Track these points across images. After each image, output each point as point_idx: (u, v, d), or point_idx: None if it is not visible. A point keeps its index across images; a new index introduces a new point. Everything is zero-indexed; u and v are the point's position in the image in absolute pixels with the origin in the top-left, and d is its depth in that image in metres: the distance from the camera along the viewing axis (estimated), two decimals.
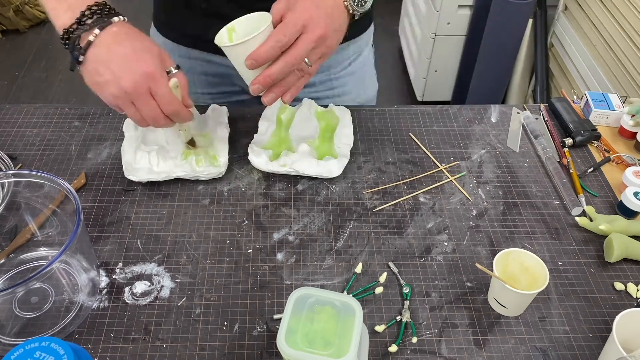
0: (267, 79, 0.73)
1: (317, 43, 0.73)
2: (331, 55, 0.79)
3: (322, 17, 0.73)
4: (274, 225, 0.83)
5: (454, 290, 0.76)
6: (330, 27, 0.74)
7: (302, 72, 0.76)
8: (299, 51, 0.72)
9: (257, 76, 0.73)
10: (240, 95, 1.08)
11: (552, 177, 0.92)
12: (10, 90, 2.69)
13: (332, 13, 0.75)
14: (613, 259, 0.79)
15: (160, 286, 0.75)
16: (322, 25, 0.73)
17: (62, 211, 0.77)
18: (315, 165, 0.88)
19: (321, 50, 0.75)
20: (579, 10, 2.02)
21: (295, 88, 0.77)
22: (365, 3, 0.78)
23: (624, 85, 1.74)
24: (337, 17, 0.76)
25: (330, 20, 0.74)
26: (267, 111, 0.97)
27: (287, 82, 0.75)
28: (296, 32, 0.72)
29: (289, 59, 0.72)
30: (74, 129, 0.98)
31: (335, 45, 0.77)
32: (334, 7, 0.75)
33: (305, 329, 0.59)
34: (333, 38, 0.76)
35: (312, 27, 0.72)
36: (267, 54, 0.71)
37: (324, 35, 0.73)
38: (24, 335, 0.70)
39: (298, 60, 0.73)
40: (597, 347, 0.71)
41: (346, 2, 0.77)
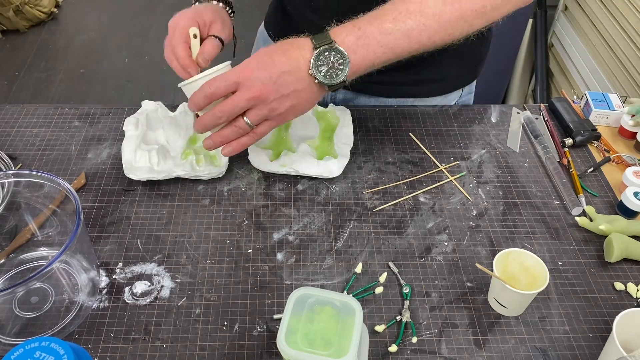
0: (200, 124, 0.77)
1: (250, 103, 0.74)
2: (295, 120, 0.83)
3: (260, 79, 0.72)
4: (274, 225, 0.83)
5: (454, 290, 0.76)
6: (269, 91, 0.73)
7: (241, 130, 0.76)
8: (224, 106, 0.74)
9: (195, 120, 0.78)
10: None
11: (552, 177, 0.92)
12: (10, 90, 2.69)
13: (279, 77, 0.73)
14: (613, 259, 0.79)
15: (160, 286, 0.75)
16: (256, 86, 0.72)
17: (62, 211, 0.77)
18: (315, 165, 0.88)
19: (263, 112, 0.75)
20: (579, 10, 2.02)
21: (236, 143, 0.78)
22: (336, 76, 0.74)
23: (624, 85, 1.74)
24: (290, 83, 0.74)
25: (271, 83, 0.73)
26: None
27: (222, 134, 0.77)
28: (224, 87, 0.74)
29: (214, 111, 0.75)
30: (74, 129, 0.98)
31: (289, 112, 0.76)
32: (288, 72, 0.73)
33: (305, 329, 0.59)
34: (279, 103, 0.74)
35: (245, 86, 0.73)
36: (196, 99, 0.75)
37: (258, 97, 0.73)
38: (24, 335, 0.70)
39: (223, 114, 0.74)
40: (597, 347, 0.71)
41: (311, 71, 0.74)
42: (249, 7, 3.13)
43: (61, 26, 3.13)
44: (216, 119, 0.75)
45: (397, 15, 0.75)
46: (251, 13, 3.14)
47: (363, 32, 0.74)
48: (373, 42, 0.74)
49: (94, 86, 2.71)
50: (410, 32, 0.75)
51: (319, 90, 0.77)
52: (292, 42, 0.75)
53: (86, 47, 2.97)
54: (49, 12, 3.10)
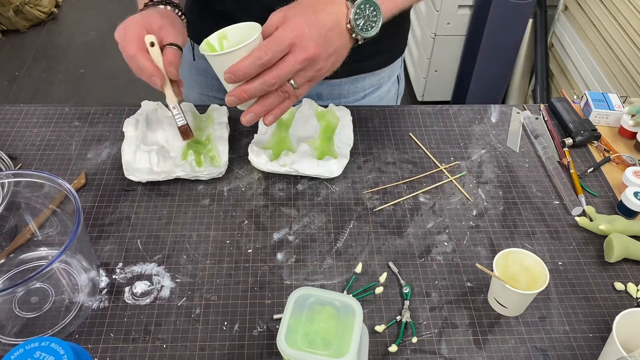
0: (243, 94, 0.71)
1: (304, 65, 0.70)
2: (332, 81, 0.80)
3: (314, 38, 0.69)
4: (274, 225, 0.83)
5: (454, 290, 0.76)
6: (321, 50, 0.70)
7: (286, 94, 0.72)
8: (280, 71, 0.69)
9: (234, 88, 0.71)
10: None
11: (552, 177, 0.92)
12: (10, 90, 2.69)
13: (327, 35, 0.70)
14: (613, 259, 0.79)
15: (160, 286, 0.75)
16: (311, 46, 0.69)
17: (62, 211, 0.77)
18: (315, 165, 0.88)
19: (309, 74, 0.72)
20: (579, 10, 2.02)
21: (278, 110, 0.74)
22: (371, 28, 0.73)
23: (624, 85, 1.74)
24: (334, 40, 0.71)
25: (323, 42, 0.70)
26: None
27: (268, 102, 0.72)
28: (281, 51, 0.69)
29: (267, 79, 0.69)
30: (74, 129, 0.98)
31: (328, 70, 0.74)
32: (332, 29, 0.71)
33: (305, 329, 0.59)
34: (325, 62, 0.72)
35: (299, 47, 0.69)
36: (246, 69, 0.69)
37: (313, 58, 0.70)
38: (24, 335, 0.70)
39: (278, 80, 0.70)
40: (597, 347, 0.71)
41: (349, 24, 0.72)
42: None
43: (61, 26, 3.13)
44: (268, 86, 0.70)
45: None
46: None
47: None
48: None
49: (94, 86, 2.71)
50: None
51: (351, 44, 0.75)
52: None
53: (86, 47, 2.97)
54: (49, 12, 3.10)
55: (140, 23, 0.81)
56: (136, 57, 0.79)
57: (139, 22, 0.81)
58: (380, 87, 1.07)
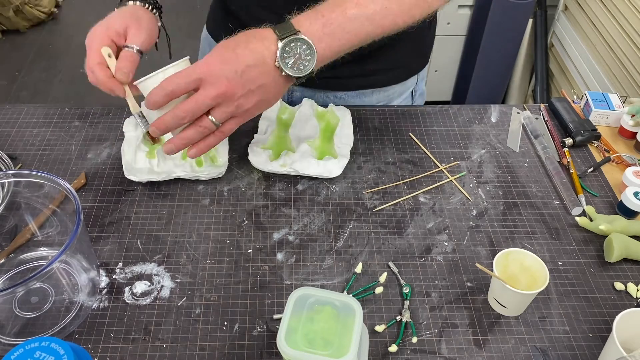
0: (160, 125, 0.71)
1: (216, 101, 0.69)
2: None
3: (225, 75, 0.68)
4: (274, 225, 0.83)
5: (454, 290, 0.76)
6: (235, 87, 0.69)
7: (206, 129, 0.72)
8: (189, 105, 0.69)
9: (155, 119, 0.72)
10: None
11: (552, 177, 0.92)
12: (10, 90, 2.69)
13: (243, 71, 0.69)
14: (613, 259, 0.79)
15: (160, 286, 0.75)
16: (221, 82, 0.68)
17: (62, 211, 0.77)
18: (315, 165, 0.88)
19: (229, 110, 0.71)
20: (579, 10, 2.02)
21: (203, 144, 0.74)
22: (303, 67, 0.71)
23: (624, 85, 1.74)
24: (255, 77, 0.70)
25: (237, 78, 0.69)
26: (267, 111, 0.97)
27: (185, 135, 0.72)
28: (185, 84, 0.69)
29: (177, 112, 0.70)
30: (74, 129, 0.98)
31: (255, 107, 0.73)
32: (252, 66, 0.69)
33: (305, 329, 0.59)
34: (246, 99, 0.71)
35: (209, 82, 0.69)
36: (153, 97, 0.70)
37: (224, 94, 0.69)
38: (24, 335, 0.70)
39: (187, 114, 0.70)
40: (597, 347, 0.71)
41: (277, 63, 0.70)
42: (200, 5, 3.12)
43: (61, 26, 3.13)
44: (179, 120, 0.70)
45: (358, 0, 0.73)
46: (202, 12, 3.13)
47: (327, 20, 0.72)
48: (338, 29, 0.72)
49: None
50: (374, 16, 0.73)
51: (285, 82, 0.74)
52: (255, 34, 0.72)
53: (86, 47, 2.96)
54: (49, 12, 3.10)
55: (103, 32, 0.79)
56: (95, 71, 0.77)
57: (101, 31, 0.79)
58: (389, 103, 1.05)
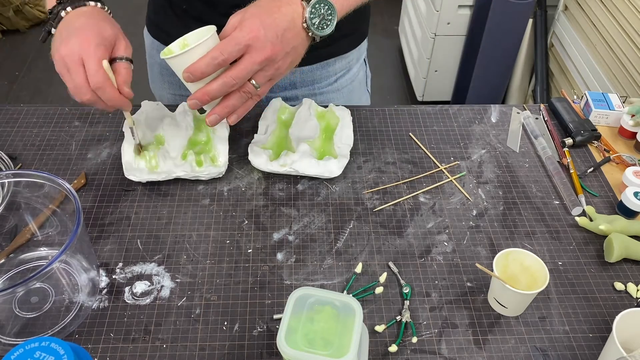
0: (205, 96, 0.72)
1: (262, 65, 0.72)
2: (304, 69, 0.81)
3: (269, 39, 0.71)
4: (274, 225, 0.83)
5: (454, 290, 0.76)
6: (278, 50, 0.72)
7: (249, 94, 0.74)
8: (239, 72, 0.71)
9: (196, 91, 0.72)
10: None
11: (552, 177, 0.92)
12: (10, 90, 2.69)
13: (283, 35, 0.72)
14: (613, 259, 0.79)
15: (160, 286, 0.75)
16: (267, 47, 0.71)
17: (62, 211, 0.77)
18: (315, 165, 0.88)
19: (269, 73, 0.73)
20: (579, 10, 2.02)
21: (242, 109, 0.76)
22: (327, 27, 0.75)
23: (624, 85, 1.74)
24: (291, 40, 0.73)
25: (279, 42, 0.72)
26: (267, 111, 0.97)
27: (230, 103, 0.74)
28: (237, 52, 0.70)
29: (227, 79, 0.71)
30: (74, 129, 0.98)
31: (287, 69, 0.76)
32: (288, 29, 0.73)
33: (305, 329, 0.59)
34: (284, 61, 0.74)
35: (256, 48, 0.70)
36: (203, 69, 0.70)
37: (270, 58, 0.72)
38: (24, 335, 0.70)
39: (237, 80, 0.71)
40: (597, 347, 0.71)
41: (305, 24, 0.74)
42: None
43: None
44: (228, 88, 0.72)
45: None
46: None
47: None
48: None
49: None
50: None
51: (309, 42, 0.77)
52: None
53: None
54: None
55: (99, 43, 0.75)
56: (105, 89, 0.75)
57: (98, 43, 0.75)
58: (350, 70, 1.08)
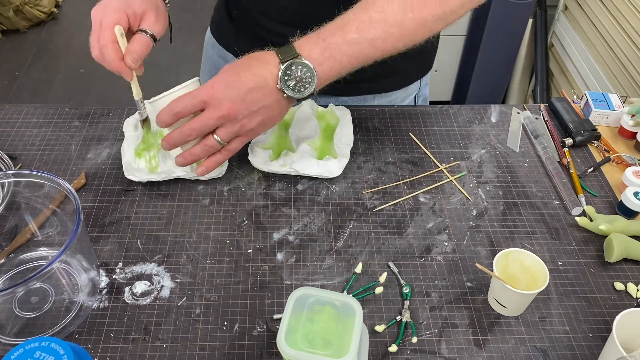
0: (170, 141, 0.77)
1: (220, 122, 0.74)
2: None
3: (229, 97, 0.73)
4: (274, 225, 0.83)
5: (454, 290, 0.76)
6: (238, 108, 0.73)
7: (211, 148, 0.77)
8: (194, 124, 0.74)
9: (165, 135, 0.77)
10: None
11: (552, 177, 0.92)
12: (10, 90, 2.69)
13: (246, 94, 0.73)
14: (613, 259, 0.79)
15: (160, 286, 0.75)
16: (224, 105, 0.73)
17: (62, 211, 0.77)
18: (315, 165, 0.88)
19: (233, 130, 0.75)
20: (579, 10, 2.02)
21: (210, 162, 0.79)
22: (304, 89, 0.75)
23: (624, 85, 1.74)
24: (258, 99, 0.74)
25: (240, 101, 0.73)
26: None
27: (194, 152, 0.77)
28: (191, 106, 0.74)
29: (183, 129, 0.75)
30: (74, 129, 0.98)
31: (260, 126, 0.77)
32: (254, 89, 0.73)
33: (305, 329, 0.59)
34: (249, 119, 0.75)
35: (212, 105, 0.73)
36: (162, 117, 0.75)
37: (227, 116, 0.73)
38: (24, 335, 0.70)
39: (193, 132, 0.75)
40: (597, 347, 0.71)
41: (279, 85, 0.74)
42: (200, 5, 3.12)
43: (61, 26, 3.13)
44: (185, 137, 0.75)
45: (360, 24, 0.75)
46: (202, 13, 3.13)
47: (328, 44, 0.74)
48: (338, 53, 0.74)
49: (94, 86, 2.70)
50: (374, 41, 0.75)
51: (288, 102, 0.78)
52: (258, 57, 0.75)
53: (86, 47, 2.92)
54: (49, 12, 3.10)
55: (119, 8, 0.78)
56: (106, 50, 0.77)
57: (117, 7, 0.78)
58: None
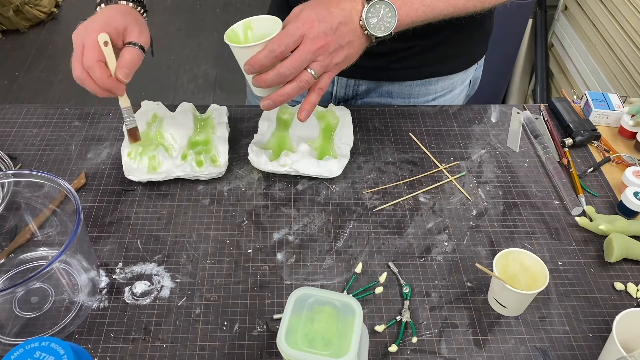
0: (262, 83, 0.75)
1: (315, 54, 0.73)
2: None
3: (323, 30, 0.73)
4: (274, 225, 0.83)
5: (454, 290, 0.76)
6: (331, 41, 0.74)
7: (307, 84, 0.75)
8: (292, 61, 0.73)
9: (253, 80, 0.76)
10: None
11: (552, 177, 0.92)
12: (10, 90, 2.69)
13: (337, 27, 0.74)
14: (613, 259, 0.79)
15: (160, 286, 0.75)
16: (320, 37, 0.73)
17: (62, 211, 0.77)
18: (315, 165, 0.88)
19: (324, 63, 0.75)
20: (579, 10, 2.02)
21: (309, 105, 0.78)
22: (384, 28, 0.76)
23: (624, 85, 1.74)
24: (345, 34, 0.75)
25: (332, 33, 0.74)
26: (267, 111, 0.97)
27: (285, 92, 0.76)
28: (293, 43, 0.73)
29: (282, 70, 0.73)
30: (74, 129, 0.98)
31: (343, 62, 0.77)
32: (343, 23, 0.75)
33: (305, 329, 0.59)
34: (337, 53, 0.75)
35: (309, 39, 0.73)
36: (261, 61, 0.73)
37: (323, 47, 0.73)
38: (24, 335, 0.70)
39: (293, 70, 0.73)
40: (597, 347, 0.71)
41: (362, 21, 0.76)
42: (249, 6, 3.13)
43: (61, 26, 3.13)
44: (283, 77, 0.74)
45: None
46: (251, 12, 3.13)
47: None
48: (416, 0, 0.79)
49: None
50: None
51: (366, 41, 0.79)
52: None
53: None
54: (49, 12, 3.10)
55: (100, 28, 0.78)
56: (93, 69, 0.76)
57: (99, 27, 0.78)
58: (452, 91, 1.08)
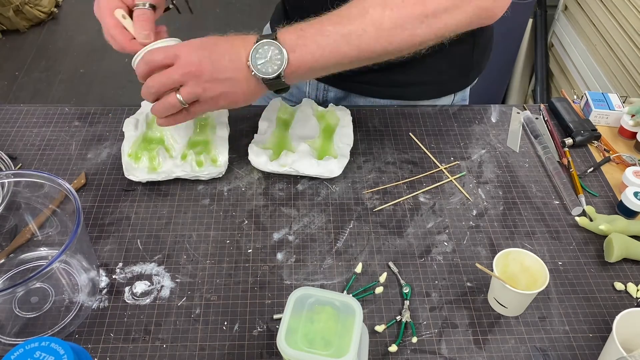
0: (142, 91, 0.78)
1: (185, 78, 0.74)
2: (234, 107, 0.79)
3: (199, 57, 0.73)
4: (274, 225, 0.83)
5: (454, 290, 0.76)
6: (205, 70, 0.73)
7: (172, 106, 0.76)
8: (158, 76, 0.75)
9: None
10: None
11: (552, 177, 0.92)
12: (10, 90, 2.69)
13: (217, 60, 0.73)
14: (613, 259, 0.79)
15: (160, 286, 0.75)
16: (194, 63, 0.73)
17: (62, 211, 0.77)
18: (315, 165, 0.88)
19: (195, 91, 0.74)
20: (579, 10, 2.02)
21: (169, 118, 0.79)
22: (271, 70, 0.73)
23: (624, 85, 1.74)
24: (227, 69, 0.74)
25: (209, 63, 0.73)
26: (267, 111, 0.97)
27: (155, 106, 0.77)
28: (162, 58, 0.75)
29: (148, 81, 0.76)
30: (74, 129, 0.98)
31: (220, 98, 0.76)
32: (228, 60, 0.74)
33: (305, 329, 0.59)
34: (214, 85, 0.74)
35: (182, 61, 0.73)
36: (139, 69, 0.77)
37: (192, 73, 0.73)
38: (24, 335, 0.70)
39: (157, 85, 0.75)
40: (597, 347, 0.71)
41: (249, 62, 0.74)
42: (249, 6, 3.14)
43: (61, 26, 3.13)
44: (148, 90, 0.76)
45: (339, 19, 0.75)
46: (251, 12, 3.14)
47: (303, 33, 0.75)
48: (311, 43, 0.74)
49: (94, 86, 2.71)
50: (349, 35, 0.74)
51: (256, 85, 0.76)
52: (241, 36, 0.77)
53: (86, 47, 2.97)
54: (49, 12, 3.10)
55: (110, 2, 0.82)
56: (115, 37, 0.82)
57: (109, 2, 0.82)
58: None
